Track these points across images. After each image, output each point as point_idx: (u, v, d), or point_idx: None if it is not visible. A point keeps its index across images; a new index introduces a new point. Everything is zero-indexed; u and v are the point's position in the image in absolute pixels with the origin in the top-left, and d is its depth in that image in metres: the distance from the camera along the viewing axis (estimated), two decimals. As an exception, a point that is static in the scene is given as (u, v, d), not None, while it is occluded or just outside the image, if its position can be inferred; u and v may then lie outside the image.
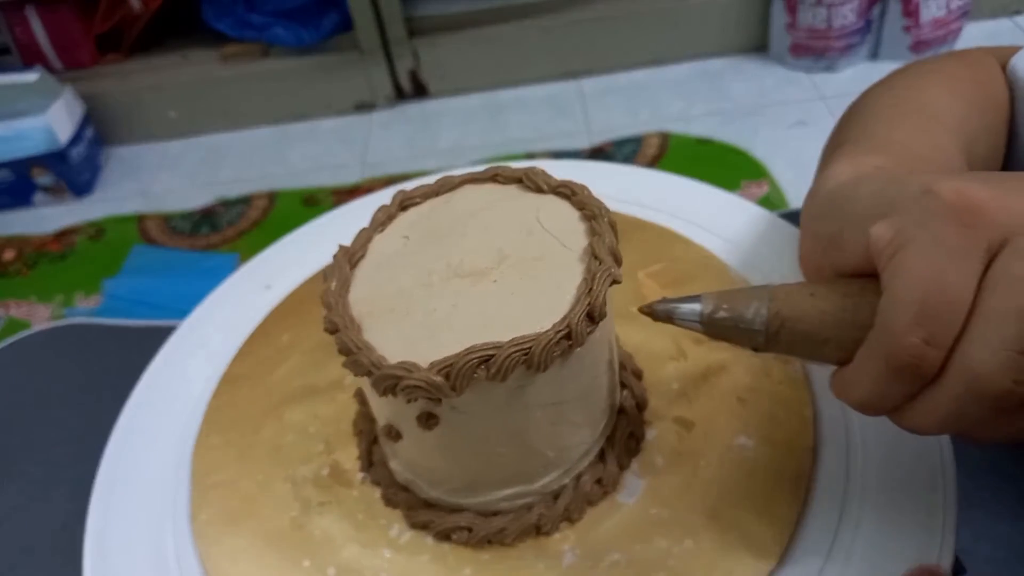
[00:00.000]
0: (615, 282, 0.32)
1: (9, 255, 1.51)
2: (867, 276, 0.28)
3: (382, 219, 0.38)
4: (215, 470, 0.41)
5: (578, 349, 0.32)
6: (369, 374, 0.31)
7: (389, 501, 0.39)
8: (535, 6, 1.64)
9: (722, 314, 0.30)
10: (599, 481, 0.38)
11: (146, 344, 0.50)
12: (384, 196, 0.45)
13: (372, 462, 0.40)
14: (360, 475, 0.40)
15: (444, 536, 0.37)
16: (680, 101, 1.61)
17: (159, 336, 0.50)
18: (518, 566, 0.36)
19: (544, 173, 0.38)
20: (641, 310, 0.32)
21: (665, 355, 0.43)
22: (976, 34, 1.60)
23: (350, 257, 0.36)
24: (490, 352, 0.30)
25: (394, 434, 0.35)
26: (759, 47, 1.68)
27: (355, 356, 0.31)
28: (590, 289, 0.32)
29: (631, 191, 0.53)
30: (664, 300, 0.31)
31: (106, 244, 1.50)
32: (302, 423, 0.43)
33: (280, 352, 0.47)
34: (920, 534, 0.34)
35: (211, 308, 0.52)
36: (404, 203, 0.39)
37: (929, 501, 0.35)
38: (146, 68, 1.70)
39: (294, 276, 0.52)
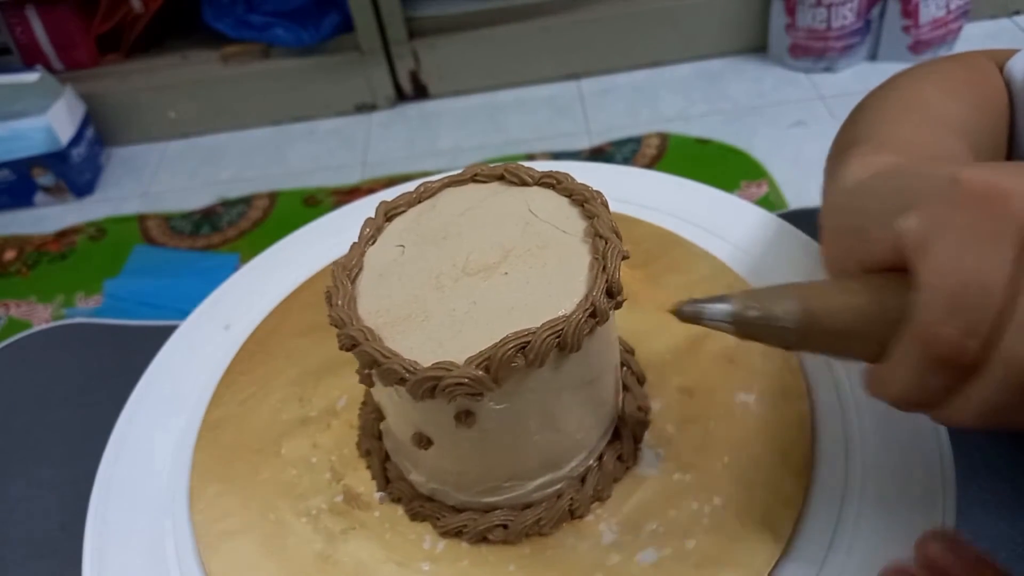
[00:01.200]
0: (625, 257, 0.33)
1: (9, 255, 1.51)
2: (895, 271, 0.28)
3: (371, 232, 0.38)
4: (221, 519, 0.40)
5: (600, 327, 0.32)
6: (403, 381, 0.31)
7: (415, 515, 0.38)
8: (535, 6, 1.63)
9: (752, 313, 0.29)
10: (619, 457, 0.39)
11: (146, 344, 0.50)
12: (384, 196, 0.45)
13: (388, 479, 0.40)
14: (377, 495, 0.40)
15: (480, 538, 0.37)
16: (680, 101, 1.61)
17: (159, 336, 0.50)
18: (561, 553, 0.36)
19: (525, 167, 0.39)
20: (670, 311, 0.31)
21: (649, 330, 0.44)
22: (976, 34, 1.60)
23: (348, 272, 0.36)
24: (525, 339, 0.30)
25: (424, 442, 0.35)
26: (758, 47, 1.68)
27: (385, 365, 0.31)
28: (604, 267, 0.32)
29: (631, 192, 0.53)
30: (692, 301, 0.31)
31: (107, 244, 1.50)
32: (303, 455, 0.42)
33: (257, 391, 0.46)
34: (918, 536, 0.34)
35: (212, 308, 0.52)
36: (389, 213, 0.39)
37: (928, 501, 0.35)
38: (146, 68, 1.70)
39: (293, 278, 0.52)
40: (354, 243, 0.37)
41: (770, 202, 1.34)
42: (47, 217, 1.58)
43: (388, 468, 0.40)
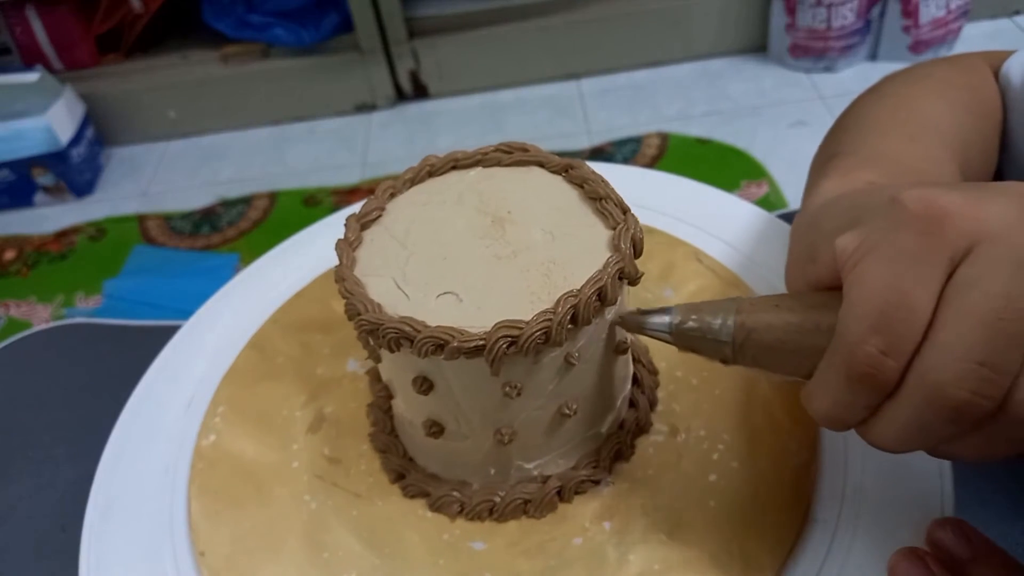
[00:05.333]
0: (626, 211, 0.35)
1: (9, 255, 1.51)
2: (838, 288, 0.27)
3: (352, 287, 0.34)
4: (220, 519, 0.39)
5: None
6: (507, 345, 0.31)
7: (437, 505, 0.39)
8: (535, 6, 1.64)
9: (691, 324, 0.30)
10: (637, 421, 0.40)
11: (146, 344, 0.50)
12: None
13: (403, 474, 0.40)
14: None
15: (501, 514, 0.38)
16: (680, 101, 1.61)
17: (159, 336, 0.50)
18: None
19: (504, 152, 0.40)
20: (614, 322, 0.34)
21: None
22: (976, 34, 1.60)
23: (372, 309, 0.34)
24: (574, 297, 0.31)
25: (436, 428, 0.36)
26: (758, 47, 1.68)
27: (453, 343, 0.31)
28: (625, 226, 0.34)
29: (631, 192, 0.53)
30: (638, 311, 0.32)
31: (107, 244, 1.50)
32: (305, 455, 0.42)
33: (258, 392, 0.45)
34: (918, 534, 0.34)
35: (213, 309, 0.52)
36: (352, 243, 0.37)
37: (928, 501, 0.35)
38: (146, 68, 1.70)
39: (295, 279, 0.52)
40: (353, 306, 0.35)
41: (770, 202, 1.34)
42: (47, 217, 1.58)
43: (400, 462, 0.40)
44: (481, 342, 0.30)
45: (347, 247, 0.36)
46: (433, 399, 0.35)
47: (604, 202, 0.35)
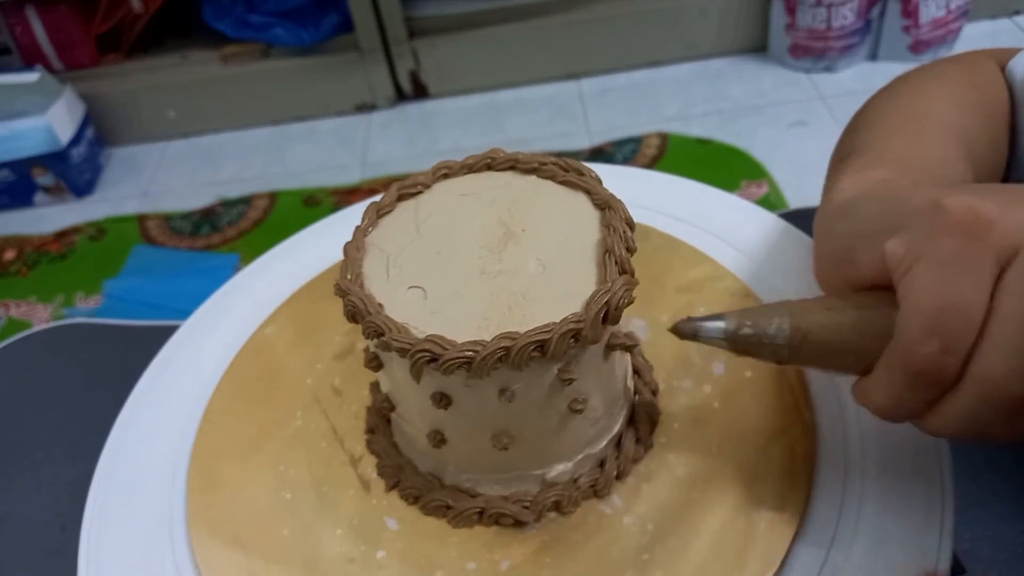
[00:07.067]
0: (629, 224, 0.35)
1: (9, 255, 1.51)
2: (881, 288, 0.29)
3: (358, 307, 0.34)
4: (218, 520, 0.39)
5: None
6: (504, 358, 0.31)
7: (431, 508, 0.39)
8: (535, 6, 1.63)
9: (746, 331, 0.31)
10: (637, 439, 0.40)
11: (146, 344, 0.50)
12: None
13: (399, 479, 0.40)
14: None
15: (494, 521, 0.38)
16: (680, 101, 1.61)
17: (159, 336, 0.50)
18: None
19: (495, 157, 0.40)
20: (669, 330, 0.33)
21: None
22: (976, 34, 1.60)
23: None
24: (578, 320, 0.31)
25: (439, 433, 0.36)
26: (758, 47, 1.68)
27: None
28: (614, 229, 0.34)
29: (631, 192, 0.53)
30: (689, 319, 0.32)
31: (106, 244, 1.50)
32: (302, 459, 0.42)
33: (257, 393, 0.45)
34: (919, 535, 0.34)
35: (213, 309, 0.52)
36: (358, 280, 0.36)
37: (928, 501, 0.35)
38: (146, 68, 1.70)
39: (295, 279, 0.52)
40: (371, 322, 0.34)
41: (770, 202, 1.34)
42: (47, 217, 1.58)
43: (396, 466, 0.40)
44: (408, 346, 0.31)
45: (362, 235, 0.37)
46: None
47: (610, 256, 0.34)
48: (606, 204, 0.36)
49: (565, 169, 0.38)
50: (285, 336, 0.48)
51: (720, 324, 0.31)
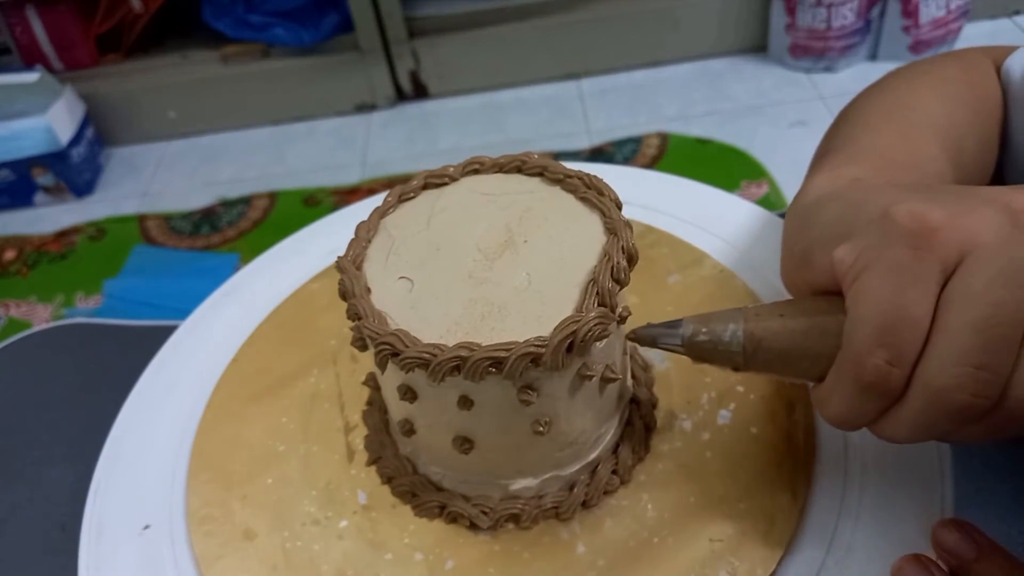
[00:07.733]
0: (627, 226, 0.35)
1: (9, 255, 1.51)
2: (836, 294, 0.29)
3: (346, 287, 0.35)
4: (218, 519, 0.39)
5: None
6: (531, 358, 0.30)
7: (421, 508, 0.39)
8: (535, 6, 1.64)
9: (702, 337, 0.31)
10: (633, 449, 0.39)
11: (146, 344, 0.50)
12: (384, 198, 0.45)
13: (391, 476, 0.40)
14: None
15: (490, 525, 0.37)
16: (679, 101, 1.61)
17: (159, 336, 0.50)
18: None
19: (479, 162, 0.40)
20: (628, 336, 0.34)
21: None
22: (976, 34, 1.60)
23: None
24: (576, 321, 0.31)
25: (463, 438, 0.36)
26: (758, 47, 1.68)
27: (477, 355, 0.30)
28: (615, 232, 0.34)
29: (631, 192, 0.53)
30: (648, 325, 0.33)
31: (106, 244, 1.50)
32: (303, 456, 0.42)
33: (257, 393, 0.45)
34: (917, 534, 0.34)
35: (212, 308, 0.52)
36: (356, 261, 0.36)
37: (928, 500, 0.36)
38: (146, 68, 1.70)
39: (294, 279, 0.52)
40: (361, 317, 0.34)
41: (770, 202, 1.34)
42: (47, 217, 1.58)
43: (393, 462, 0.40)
44: (375, 335, 0.31)
45: (378, 216, 0.37)
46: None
47: (594, 284, 0.32)
48: (614, 232, 0.35)
49: (588, 186, 0.37)
50: (327, 294, 0.49)
51: (677, 331, 0.32)
